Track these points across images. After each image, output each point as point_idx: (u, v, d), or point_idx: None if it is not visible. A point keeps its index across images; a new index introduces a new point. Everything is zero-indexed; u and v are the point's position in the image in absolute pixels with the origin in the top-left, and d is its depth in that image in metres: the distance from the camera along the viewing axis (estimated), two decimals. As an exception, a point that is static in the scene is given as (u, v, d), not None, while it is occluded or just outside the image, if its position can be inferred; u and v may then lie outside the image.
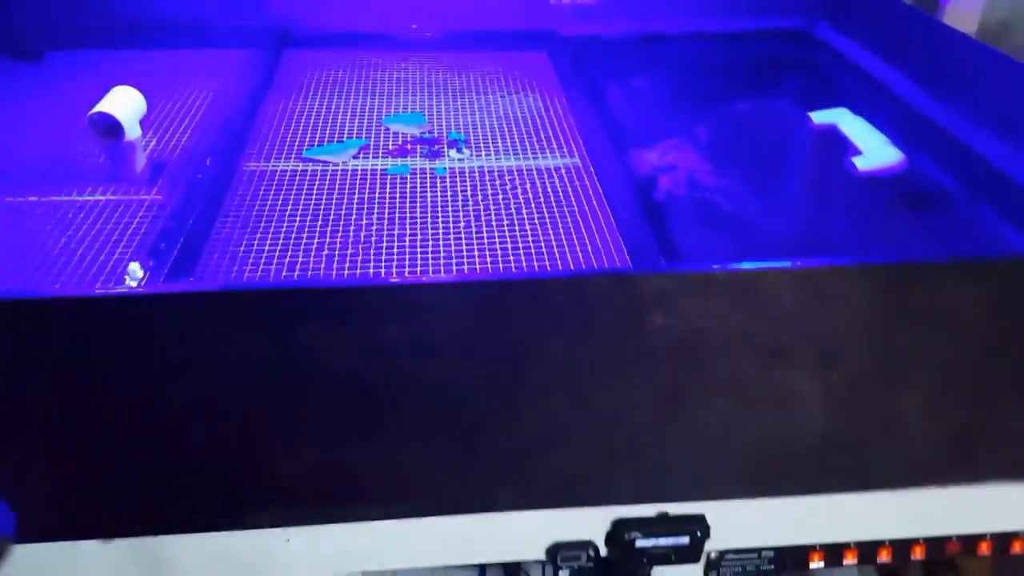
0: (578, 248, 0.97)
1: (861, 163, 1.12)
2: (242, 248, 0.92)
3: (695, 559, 0.79)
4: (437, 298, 0.62)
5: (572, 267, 0.92)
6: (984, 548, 0.84)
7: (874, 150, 1.13)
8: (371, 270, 0.90)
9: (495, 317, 0.63)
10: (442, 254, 0.94)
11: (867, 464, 0.76)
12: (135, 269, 0.85)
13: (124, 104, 1.03)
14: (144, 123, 1.09)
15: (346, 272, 0.89)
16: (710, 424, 0.71)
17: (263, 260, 0.91)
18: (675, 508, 0.77)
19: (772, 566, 0.82)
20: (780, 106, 1.38)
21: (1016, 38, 1.78)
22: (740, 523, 0.79)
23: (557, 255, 0.95)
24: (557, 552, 0.78)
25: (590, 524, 0.78)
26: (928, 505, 0.81)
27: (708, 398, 0.69)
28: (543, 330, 0.64)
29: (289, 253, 0.92)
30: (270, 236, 0.95)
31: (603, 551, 0.79)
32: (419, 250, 0.95)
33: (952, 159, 1.14)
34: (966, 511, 0.82)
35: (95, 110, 1.00)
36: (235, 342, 0.62)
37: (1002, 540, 0.84)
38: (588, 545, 0.78)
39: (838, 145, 1.20)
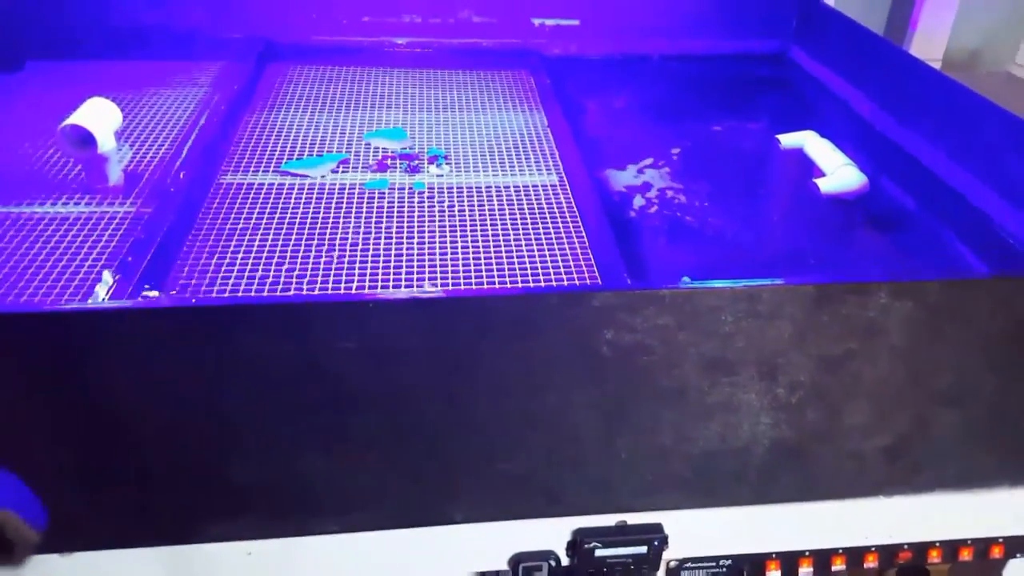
0: (550, 265, 1.00)
1: (824, 185, 1.16)
2: (213, 262, 0.95)
3: (655, 568, 0.82)
4: (391, 314, 0.64)
5: (543, 284, 0.95)
6: (935, 555, 0.87)
7: (837, 172, 1.17)
8: (342, 285, 0.92)
9: (450, 333, 0.65)
10: (415, 270, 0.97)
11: (816, 474, 0.79)
12: (108, 277, 0.88)
13: (97, 116, 1.04)
14: (121, 135, 1.11)
15: (317, 287, 0.92)
16: (664, 436, 0.74)
17: (234, 275, 0.93)
18: (634, 518, 0.80)
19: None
20: (752, 128, 1.43)
21: (981, 65, 1.85)
22: (698, 532, 0.82)
23: (530, 272, 0.98)
24: (519, 562, 0.80)
25: (551, 534, 0.80)
26: (877, 514, 0.84)
27: (660, 411, 0.72)
28: (499, 345, 0.67)
29: (260, 268, 0.95)
30: (242, 250, 0.98)
31: (564, 561, 0.81)
32: (392, 266, 0.97)
33: (913, 182, 1.19)
34: (914, 520, 0.85)
35: (67, 122, 1.01)
36: (187, 357, 0.63)
37: (950, 548, 0.88)
38: (549, 555, 0.80)
39: (803, 167, 1.24)
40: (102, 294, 0.85)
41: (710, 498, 0.79)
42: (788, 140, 1.30)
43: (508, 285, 0.95)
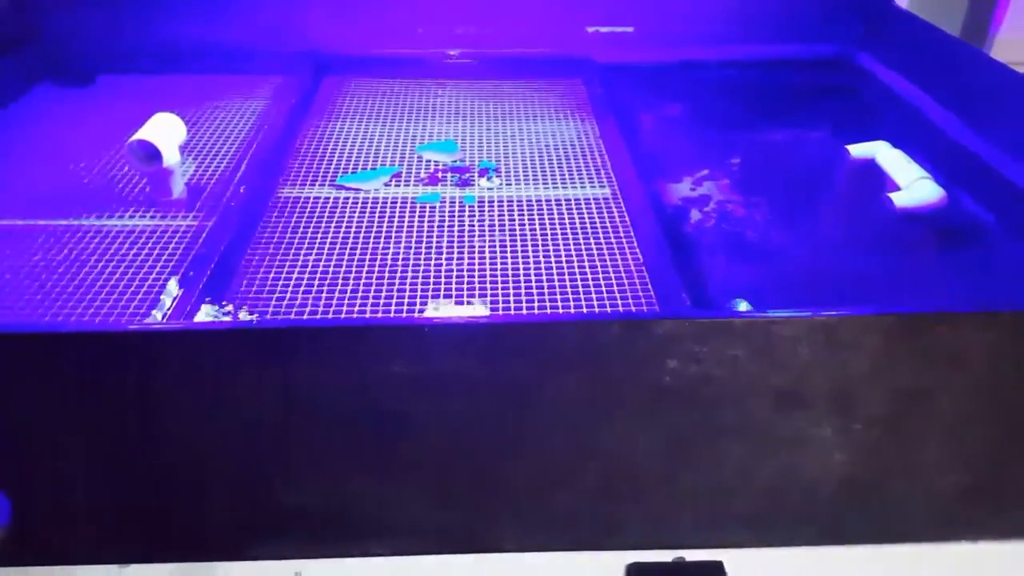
0: (602, 282, 0.96)
1: (899, 199, 1.09)
2: (271, 276, 0.95)
3: (713, 607, 0.77)
4: (445, 339, 0.62)
5: (597, 303, 0.91)
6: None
7: (913, 186, 1.10)
8: (394, 302, 0.91)
9: (505, 359, 0.63)
10: (466, 286, 0.94)
11: (892, 515, 0.73)
12: (172, 287, 0.88)
13: (163, 131, 1.06)
14: (185, 148, 1.13)
15: (370, 304, 0.90)
16: (728, 470, 0.69)
17: (291, 288, 0.93)
18: (693, 555, 0.75)
19: (793, 618, 0.79)
20: (816, 136, 1.36)
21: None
22: (761, 572, 0.77)
23: (581, 289, 0.95)
24: (571, 594, 0.77)
25: (604, 568, 0.76)
26: (957, 559, 0.77)
27: (725, 444, 0.67)
28: (555, 372, 0.64)
29: (316, 282, 0.94)
30: (299, 265, 0.97)
31: (618, 595, 0.77)
32: (443, 282, 0.95)
33: (993, 197, 1.10)
34: (998, 567, 0.78)
35: (134, 137, 1.03)
36: (248, 377, 0.63)
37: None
38: (603, 588, 0.76)
39: (876, 179, 1.17)
40: (168, 303, 0.85)
41: (775, 536, 0.74)
42: (858, 150, 1.22)
43: (559, 302, 0.92)
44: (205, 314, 0.86)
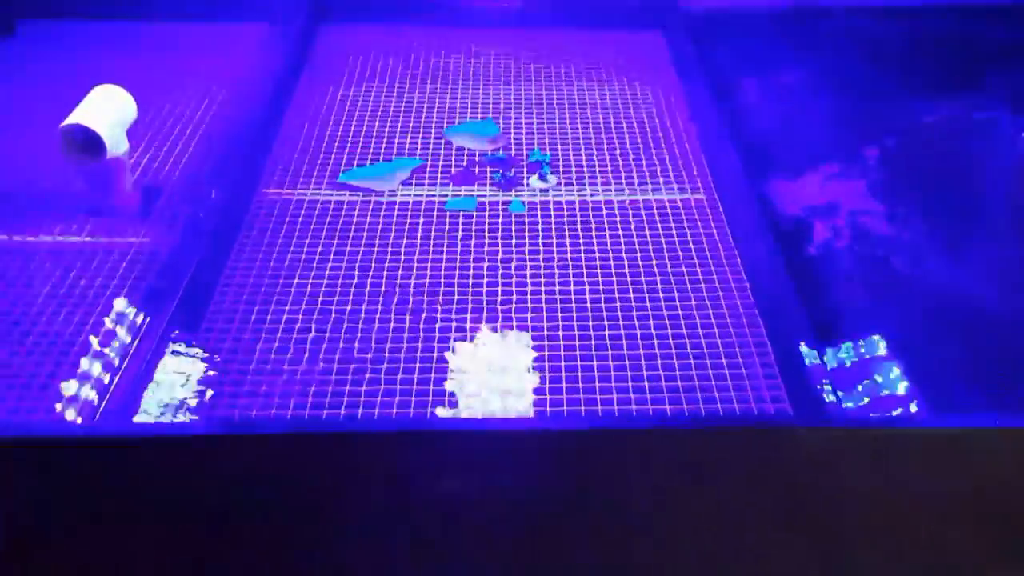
0: (701, 333, 0.86)
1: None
2: (254, 313, 0.85)
3: None
4: (514, 447, 0.56)
5: (695, 370, 0.80)
6: None
7: None
8: (419, 356, 0.80)
9: (593, 467, 0.56)
10: (513, 337, 0.83)
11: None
12: (124, 335, 0.81)
13: (106, 111, 0.95)
14: (135, 131, 1.02)
15: (386, 352, 0.80)
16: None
17: (280, 330, 0.82)
18: None
19: None
20: (980, 117, 1.21)
21: None
22: None
23: (674, 348, 0.84)
24: None
25: None
26: None
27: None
28: (655, 483, 0.57)
29: (313, 323, 0.83)
30: (291, 295, 0.87)
31: None
32: (484, 320, 0.84)
33: None
34: None
35: (69, 121, 0.93)
36: (281, 483, 0.59)
37: None
38: None
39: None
40: (119, 360, 0.77)
41: None
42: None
43: (642, 361, 0.80)
44: (167, 366, 0.77)
